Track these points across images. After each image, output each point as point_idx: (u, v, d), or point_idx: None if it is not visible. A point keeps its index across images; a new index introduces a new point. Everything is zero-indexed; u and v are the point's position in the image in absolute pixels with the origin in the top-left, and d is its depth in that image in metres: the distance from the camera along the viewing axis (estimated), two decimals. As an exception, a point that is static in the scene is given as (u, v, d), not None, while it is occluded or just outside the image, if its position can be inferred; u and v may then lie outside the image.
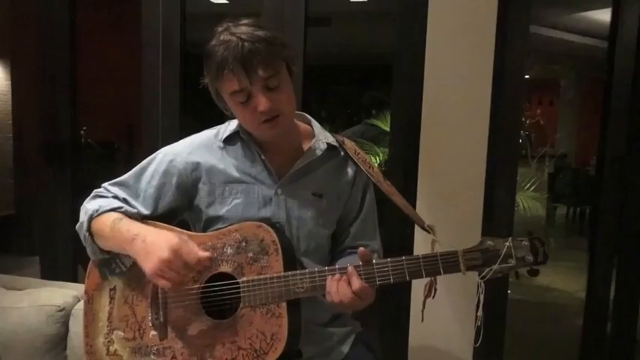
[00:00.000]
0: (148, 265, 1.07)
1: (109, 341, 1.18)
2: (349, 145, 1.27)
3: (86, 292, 1.22)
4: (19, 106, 4.44)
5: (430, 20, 1.79)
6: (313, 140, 1.23)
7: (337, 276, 1.07)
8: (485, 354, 1.84)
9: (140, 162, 1.26)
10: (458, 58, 1.80)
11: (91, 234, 1.17)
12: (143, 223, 1.17)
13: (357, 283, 1.06)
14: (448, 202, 1.83)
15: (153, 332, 1.14)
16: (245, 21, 1.11)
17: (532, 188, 3.98)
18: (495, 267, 1.06)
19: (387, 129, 2.79)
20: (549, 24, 5.63)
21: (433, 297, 1.11)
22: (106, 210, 1.16)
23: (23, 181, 4.45)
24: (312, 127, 1.27)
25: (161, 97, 2.02)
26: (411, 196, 1.81)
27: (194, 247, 1.10)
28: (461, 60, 1.80)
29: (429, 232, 1.17)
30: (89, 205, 1.20)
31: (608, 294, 2.08)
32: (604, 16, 4.80)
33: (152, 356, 1.14)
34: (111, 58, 4.77)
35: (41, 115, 2.18)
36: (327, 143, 1.23)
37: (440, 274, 1.08)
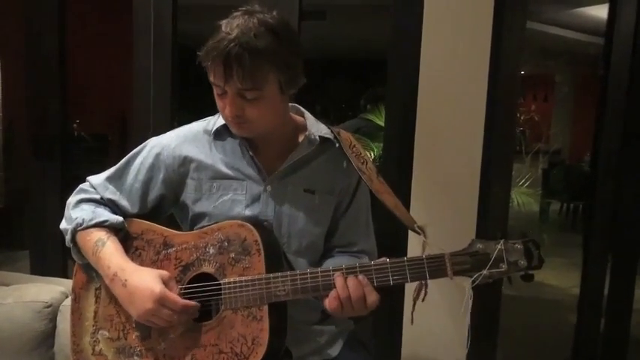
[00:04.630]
0: (133, 312, 1.08)
1: (94, 341, 1.16)
2: (345, 136, 1.21)
3: (73, 290, 1.20)
4: (8, 98, 4.38)
5: (426, 15, 1.78)
6: (305, 134, 1.19)
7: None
8: (480, 350, 1.83)
9: None
10: (454, 54, 1.79)
11: (75, 245, 1.15)
12: (125, 244, 1.15)
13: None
14: (443, 198, 1.82)
15: (136, 333, 1.12)
16: (258, 17, 1.03)
17: (526, 184, 3.98)
18: (485, 272, 1.00)
19: (382, 124, 2.77)
20: (545, 20, 5.62)
21: (423, 300, 1.06)
22: (90, 225, 1.13)
23: (13, 175, 4.41)
24: (305, 119, 1.23)
25: (153, 89, 1.99)
26: (405, 192, 1.80)
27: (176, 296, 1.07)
28: (457, 55, 1.79)
29: (419, 234, 1.11)
30: (74, 213, 1.16)
31: (602, 290, 2.08)
32: (599, 12, 4.80)
33: (136, 357, 1.12)
34: (103, 50, 4.72)
35: (31, 108, 2.14)
36: (320, 136, 1.19)
37: (426, 279, 1.04)
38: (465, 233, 1.81)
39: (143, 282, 1.06)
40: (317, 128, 1.21)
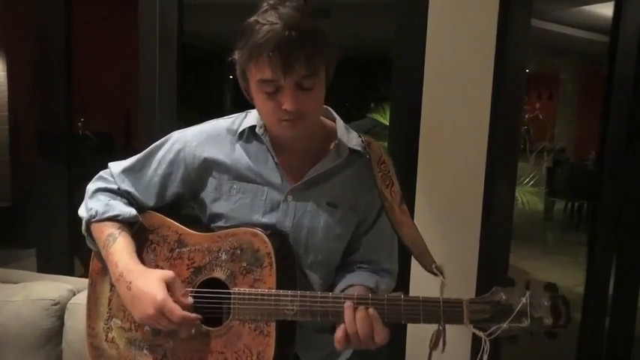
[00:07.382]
0: (135, 314, 1.06)
1: (108, 327, 1.16)
2: (375, 149, 1.13)
3: (90, 275, 1.20)
4: (15, 97, 4.41)
5: (431, 13, 1.77)
6: (334, 143, 1.12)
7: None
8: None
9: (140, 152, 1.20)
10: (459, 52, 1.78)
11: (90, 235, 1.15)
12: (141, 237, 1.14)
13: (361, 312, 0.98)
14: (447, 196, 1.81)
15: (147, 327, 1.13)
16: (291, 6, 0.98)
17: (530, 183, 3.98)
18: (504, 326, 0.92)
19: (387, 122, 2.77)
20: (550, 18, 5.60)
21: (443, 351, 0.97)
22: (103, 219, 1.12)
23: (19, 173, 4.43)
24: (335, 125, 1.15)
25: (158, 88, 2.00)
26: (410, 191, 1.80)
27: (180, 299, 1.04)
28: (462, 54, 1.78)
29: (437, 275, 1.02)
30: (90, 203, 1.15)
31: (607, 289, 2.08)
32: (605, 9, 4.78)
33: (145, 351, 1.12)
34: (108, 49, 4.74)
35: (37, 107, 2.16)
36: (350, 148, 1.11)
37: (439, 322, 0.96)
38: (470, 231, 1.80)
39: (146, 287, 1.04)
40: (347, 138, 1.13)
